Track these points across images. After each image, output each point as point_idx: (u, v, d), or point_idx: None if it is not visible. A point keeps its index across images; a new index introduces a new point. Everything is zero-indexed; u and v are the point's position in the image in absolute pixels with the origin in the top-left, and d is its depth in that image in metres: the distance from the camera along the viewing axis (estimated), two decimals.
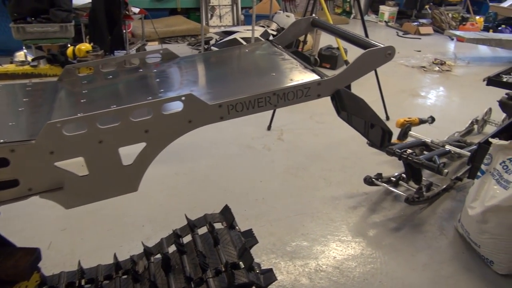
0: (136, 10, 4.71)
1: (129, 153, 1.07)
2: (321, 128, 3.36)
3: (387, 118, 3.54)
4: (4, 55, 3.63)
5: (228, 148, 2.97)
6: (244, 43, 4.01)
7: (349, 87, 1.22)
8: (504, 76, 2.61)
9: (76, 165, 1.01)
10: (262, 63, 1.37)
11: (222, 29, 5.99)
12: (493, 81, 2.54)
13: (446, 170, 2.07)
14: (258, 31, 4.31)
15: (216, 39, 5.18)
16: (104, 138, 0.96)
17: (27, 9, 3.51)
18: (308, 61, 1.37)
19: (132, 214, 2.21)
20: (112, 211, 2.20)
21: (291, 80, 1.13)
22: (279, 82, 1.13)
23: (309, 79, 1.13)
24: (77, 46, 2.55)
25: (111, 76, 1.32)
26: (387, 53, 1.14)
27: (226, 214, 1.75)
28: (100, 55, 2.73)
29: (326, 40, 5.17)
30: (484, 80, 2.57)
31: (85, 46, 2.58)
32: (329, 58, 5.00)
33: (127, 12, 4.28)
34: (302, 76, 1.16)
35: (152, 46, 5.48)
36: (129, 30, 5.26)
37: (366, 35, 3.37)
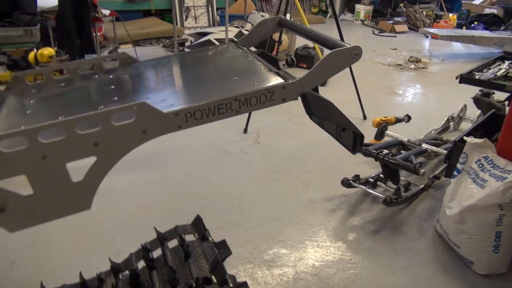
0: (107, 12, 4.57)
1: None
2: (299, 130, 3.31)
3: (364, 117, 3.51)
4: None
5: (203, 153, 2.88)
6: (218, 44, 3.92)
7: (316, 89, 1.16)
8: (476, 73, 2.61)
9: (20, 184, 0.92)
10: (225, 66, 1.30)
11: (198, 30, 5.89)
12: (466, 78, 2.53)
13: (422, 170, 2.04)
14: (232, 31, 4.23)
15: (191, 41, 5.08)
16: (48, 154, 0.87)
17: None
18: (275, 63, 1.31)
19: (102, 226, 2.10)
20: (80, 224, 2.09)
21: (254, 84, 1.06)
22: (241, 86, 1.06)
23: (273, 82, 1.06)
24: (39, 51, 2.43)
25: (63, 84, 1.22)
26: (354, 54, 1.09)
27: (198, 225, 1.67)
28: (65, 60, 2.61)
29: (302, 39, 5.13)
30: (456, 78, 2.56)
31: (48, 50, 2.46)
32: (305, 58, 4.96)
33: (96, 15, 4.14)
34: (266, 79, 1.09)
35: (125, 48, 5.33)
36: (100, 33, 5.11)
37: (340, 34, 3.35)
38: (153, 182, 2.51)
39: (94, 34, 4.17)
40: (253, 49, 1.44)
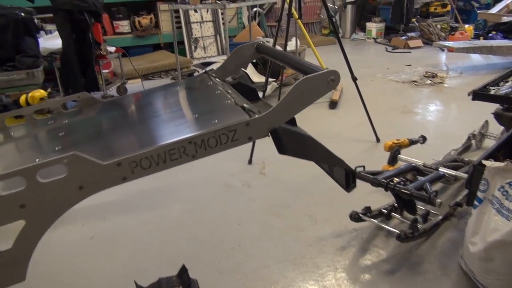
0: (112, 49, 4.59)
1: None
2: None
3: (378, 140, 3.29)
4: None
5: (205, 189, 2.73)
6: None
7: (293, 122, 0.99)
8: (491, 88, 2.37)
9: None
10: (188, 103, 1.16)
11: (206, 60, 5.87)
12: (480, 95, 2.29)
13: (439, 200, 1.81)
14: None
15: (198, 71, 5.04)
16: None
17: None
18: (252, 94, 1.16)
19: (90, 277, 1.95)
20: (67, 276, 1.95)
21: (214, 122, 0.91)
22: (201, 125, 0.91)
23: (237, 119, 0.91)
24: (30, 94, 2.38)
25: (13, 133, 1.10)
26: (330, 79, 0.93)
27: (184, 276, 1.50)
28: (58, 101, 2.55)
29: (313, 60, 4.99)
30: (469, 95, 2.33)
31: (40, 93, 2.41)
32: None
33: (100, 52, 4.15)
34: (229, 115, 0.94)
35: (132, 84, 5.34)
36: (109, 70, 5.14)
37: (344, 54, 3.19)
38: (150, 224, 2.36)
39: (99, 71, 4.18)
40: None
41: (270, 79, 4.16)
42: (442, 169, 2.27)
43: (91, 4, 3.73)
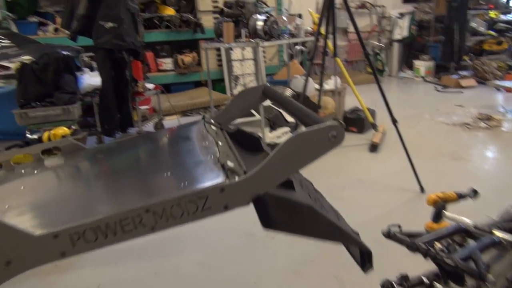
0: (151, 86, 4.65)
1: None
2: (339, 206, 2.81)
3: (422, 190, 2.95)
4: (13, 138, 3.62)
5: (224, 237, 2.53)
6: (255, 113, 3.71)
7: (290, 185, 0.79)
8: None
9: None
10: (166, 156, 0.99)
11: None
12: None
13: (491, 277, 1.47)
14: None
15: None
16: None
17: (32, 95, 3.48)
18: (255, 144, 0.98)
19: None
20: None
21: (184, 184, 0.73)
22: (166, 189, 0.73)
23: (212, 181, 0.72)
24: (52, 131, 2.36)
25: None
26: (331, 135, 0.72)
27: None
28: (80, 139, 2.51)
29: (352, 101, 4.76)
30: None
31: (62, 130, 2.38)
32: (355, 121, 4.56)
33: (137, 89, 4.20)
34: (204, 176, 0.76)
35: (170, 120, 5.37)
36: (149, 107, 5.22)
37: (382, 94, 2.95)
38: (161, 274, 2.18)
39: (136, 107, 4.21)
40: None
41: None
42: (497, 233, 1.90)
43: (130, 43, 3.81)
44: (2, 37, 4.74)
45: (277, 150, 0.71)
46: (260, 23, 3.40)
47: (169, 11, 6.28)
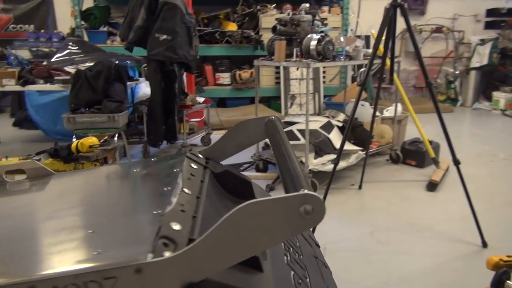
0: (201, 99, 4.62)
1: None
2: (382, 252, 2.49)
3: (484, 244, 2.49)
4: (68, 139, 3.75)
5: None
6: (300, 136, 3.47)
7: (255, 263, 0.57)
8: None
9: None
10: (113, 201, 0.81)
11: (289, 118, 5.59)
12: None
13: None
14: (319, 122, 3.76)
15: None
16: None
17: (83, 101, 3.58)
18: (244, 189, 0.77)
19: None
20: None
21: (97, 253, 0.54)
22: (75, 255, 0.55)
23: (129, 254, 0.52)
24: (81, 140, 2.33)
25: None
26: (304, 210, 0.49)
27: None
28: (109, 150, 2.46)
29: (414, 130, 4.31)
30: None
31: (91, 140, 2.35)
32: (414, 154, 4.12)
33: (185, 102, 4.18)
34: (129, 243, 0.56)
35: (219, 134, 5.30)
36: (201, 119, 5.21)
37: (443, 127, 2.57)
38: None
39: (182, 121, 4.19)
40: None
41: (355, 147, 3.65)
42: None
43: (181, 56, 3.79)
44: (72, 44, 5.03)
45: (220, 222, 0.50)
46: (313, 43, 3.18)
47: (232, 27, 6.29)
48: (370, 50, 4.01)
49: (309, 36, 3.22)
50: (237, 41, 6.08)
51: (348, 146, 3.60)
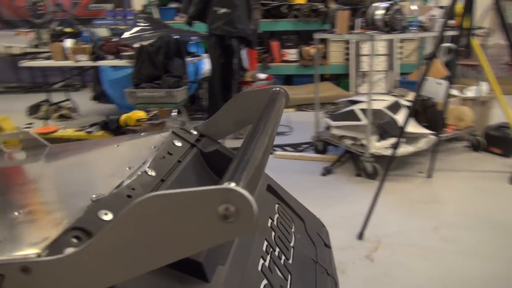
0: (263, 76, 4.48)
1: None
2: (444, 251, 2.19)
3: None
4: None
5: None
6: (362, 116, 3.19)
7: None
8: None
9: None
10: (65, 179, 0.71)
11: (354, 97, 5.21)
12: None
13: None
14: (385, 101, 3.41)
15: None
16: None
17: (145, 76, 3.65)
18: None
19: None
20: None
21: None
22: None
23: (24, 248, 0.42)
24: (129, 114, 2.35)
25: None
26: (224, 211, 0.34)
27: None
28: (157, 125, 2.46)
29: (499, 115, 3.75)
30: None
31: (139, 114, 2.36)
32: (499, 141, 3.59)
33: (245, 78, 4.07)
34: (39, 233, 0.46)
35: (285, 112, 5.14)
36: None
37: None
38: None
39: None
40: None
41: (425, 131, 3.27)
42: None
43: (240, 30, 3.68)
44: (142, 20, 5.18)
45: (116, 220, 0.37)
46: (379, 12, 2.85)
47: (300, 0, 6.00)
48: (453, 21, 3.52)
49: (375, 4, 2.88)
50: (305, 15, 5.78)
51: (417, 129, 3.24)
